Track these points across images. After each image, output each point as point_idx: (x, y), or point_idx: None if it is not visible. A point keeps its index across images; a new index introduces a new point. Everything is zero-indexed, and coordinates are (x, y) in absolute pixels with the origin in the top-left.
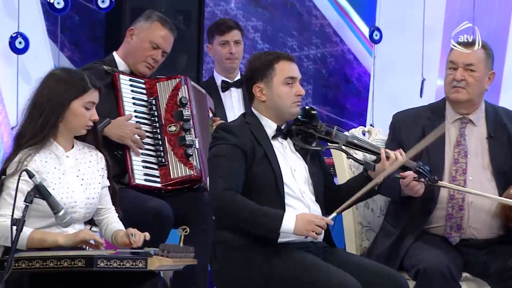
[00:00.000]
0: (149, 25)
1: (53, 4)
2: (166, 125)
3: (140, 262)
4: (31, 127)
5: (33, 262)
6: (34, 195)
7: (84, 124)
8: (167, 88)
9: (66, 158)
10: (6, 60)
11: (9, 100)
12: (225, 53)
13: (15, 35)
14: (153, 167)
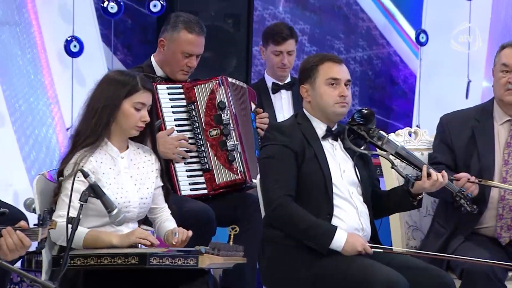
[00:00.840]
0: (177, 35)
1: (106, 8)
2: (207, 129)
3: (191, 260)
4: (86, 127)
5: (88, 259)
6: (89, 194)
7: (134, 125)
8: (205, 91)
9: (120, 159)
10: (61, 63)
11: (64, 102)
12: (277, 62)
13: (70, 38)
14: (197, 174)
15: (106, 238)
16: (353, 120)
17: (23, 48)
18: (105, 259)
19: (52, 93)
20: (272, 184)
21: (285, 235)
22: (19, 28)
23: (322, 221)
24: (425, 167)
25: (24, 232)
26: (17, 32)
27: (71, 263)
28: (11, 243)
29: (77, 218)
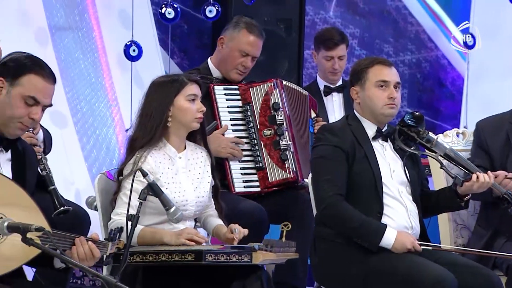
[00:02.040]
0: (237, 34)
1: (164, 14)
2: (261, 129)
3: (245, 257)
4: (142, 133)
5: (146, 255)
6: (148, 192)
7: (194, 117)
8: (260, 92)
9: (178, 159)
10: (121, 67)
11: (124, 104)
12: (328, 67)
13: (129, 43)
14: (251, 172)
15: (158, 236)
16: (403, 121)
17: (85, 52)
18: (162, 256)
19: (112, 95)
20: (323, 184)
21: (336, 233)
22: (81, 33)
23: (372, 219)
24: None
25: (95, 243)
26: (79, 36)
27: (130, 259)
28: (82, 253)
29: (136, 216)
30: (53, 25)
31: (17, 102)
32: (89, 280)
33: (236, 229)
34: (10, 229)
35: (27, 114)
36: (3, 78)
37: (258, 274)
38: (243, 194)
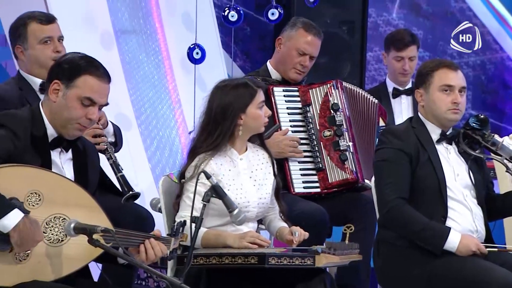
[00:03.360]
0: (294, 33)
1: (227, 17)
2: (321, 130)
3: (308, 260)
4: (207, 140)
5: (210, 258)
6: (211, 194)
7: (263, 123)
8: (320, 94)
9: (239, 161)
10: (184, 69)
11: (187, 106)
12: (398, 68)
13: (193, 46)
14: (311, 173)
15: (221, 238)
16: (468, 124)
17: (149, 54)
18: (226, 259)
19: (175, 98)
20: (386, 187)
21: (399, 236)
22: (145, 35)
23: (435, 222)
24: None
25: (158, 240)
26: (143, 39)
27: (194, 262)
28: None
29: (200, 218)
30: (118, 28)
31: (73, 104)
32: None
33: (296, 232)
34: (76, 230)
35: (84, 115)
36: (58, 80)
37: (321, 277)
38: (303, 195)
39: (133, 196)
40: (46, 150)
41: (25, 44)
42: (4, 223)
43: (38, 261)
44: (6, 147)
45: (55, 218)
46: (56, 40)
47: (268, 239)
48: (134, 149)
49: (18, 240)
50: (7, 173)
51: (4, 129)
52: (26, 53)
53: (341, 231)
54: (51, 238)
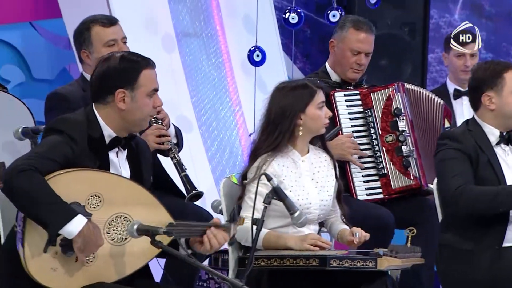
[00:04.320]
0: (345, 34)
1: (288, 19)
2: (383, 135)
3: (370, 262)
4: (267, 140)
5: (271, 260)
6: (272, 197)
7: (323, 124)
8: (382, 97)
9: (301, 162)
10: (245, 72)
11: (247, 108)
12: (460, 65)
13: (253, 48)
14: (373, 179)
15: (282, 240)
16: None
17: (210, 57)
18: (287, 261)
19: (236, 100)
20: (451, 180)
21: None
22: (206, 38)
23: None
24: None
25: (218, 228)
26: (204, 42)
27: (255, 263)
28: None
29: (261, 220)
30: (180, 31)
31: (144, 101)
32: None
33: (357, 232)
34: (139, 232)
35: (152, 106)
36: (121, 88)
37: (383, 280)
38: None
39: (197, 195)
40: (104, 152)
41: (90, 48)
42: (69, 230)
43: (104, 261)
44: (64, 153)
45: (117, 217)
46: (120, 41)
47: (329, 241)
48: (195, 150)
49: (82, 245)
50: (66, 179)
51: (62, 135)
52: (92, 57)
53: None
54: (115, 237)
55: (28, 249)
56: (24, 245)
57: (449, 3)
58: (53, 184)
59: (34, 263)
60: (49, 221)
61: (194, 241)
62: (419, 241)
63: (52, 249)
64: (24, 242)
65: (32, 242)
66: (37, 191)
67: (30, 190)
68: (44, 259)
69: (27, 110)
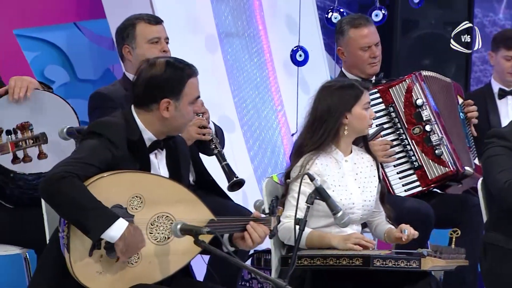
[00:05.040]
0: (348, 37)
1: (330, 19)
2: (409, 128)
3: (413, 263)
4: (311, 138)
5: (314, 259)
6: (315, 197)
7: (368, 124)
8: (401, 91)
9: (345, 163)
10: (287, 71)
11: (289, 108)
12: (507, 67)
13: (296, 48)
14: (409, 173)
15: (326, 240)
16: None
17: (252, 57)
18: (330, 260)
19: (278, 99)
20: (498, 174)
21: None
22: (248, 38)
23: None
24: None
25: (258, 221)
26: (246, 42)
27: (298, 263)
28: (257, 237)
29: (304, 220)
30: (222, 31)
31: (187, 110)
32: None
33: (406, 229)
34: (183, 231)
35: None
36: (166, 97)
37: (426, 280)
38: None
39: (238, 183)
40: (145, 154)
41: (133, 44)
42: (111, 234)
43: (149, 261)
44: (104, 157)
45: (159, 217)
46: (163, 40)
47: (373, 241)
48: (237, 150)
49: (123, 248)
50: (108, 182)
51: (101, 139)
52: (133, 52)
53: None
54: (158, 237)
55: (73, 254)
56: (69, 250)
57: (494, 2)
58: (95, 187)
59: (80, 267)
60: (90, 227)
61: (236, 237)
62: (463, 241)
63: (97, 252)
64: (69, 247)
65: (76, 246)
66: (77, 197)
67: (70, 196)
68: (89, 262)
69: (71, 110)
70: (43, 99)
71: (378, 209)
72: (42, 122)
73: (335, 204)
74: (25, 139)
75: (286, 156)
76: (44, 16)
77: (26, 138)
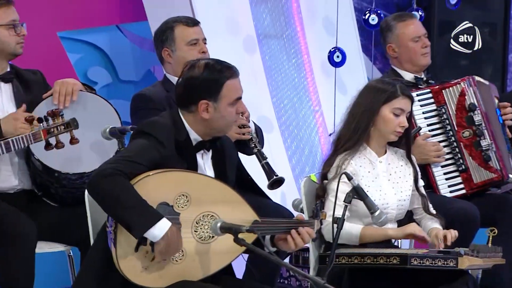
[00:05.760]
0: (398, 31)
1: (367, 20)
2: (459, 131)
3: (451, 261)
4: (346, 132)
5: (352, 258)
6: (353, 196)
7: (393, 130)
8: (454, 93)
9: (379, 163)
10: (324, 72)
11: (327, 109)
12: None
13: (333, 49)
14: (454, 175)
15: (381, 231)
16: None
17: (290, 57)
18: (368, 259)
19: (316, 99)
20: None
21: None
22: (286, 39)
23: None
24: None
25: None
26: (284, 43)
27: (336, 261)
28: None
29: (342, 218)
30: (260, 32)
31: (228, 110)
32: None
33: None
34: (223, 230)
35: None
36: (204, 99)
37: (464, 279)
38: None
39: (278, 181)
40: (192, 154)
41: (172, 47)
42: (154, 233)
43: (193, 259)
44: (152, 157)
45: (204, 216)
46: (201, 41)
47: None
48: (275, 149)
49: (164, 248)
50: (155, 180)
51: (150, 138)
52: (173, 55)
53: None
54: (202, 236)
55: (120, 249)
56: (116, 245)
57: None
58: (142, 185)
59: (126, 262)
60: (134, 225)
61: (278, 238)
62: (500, 240)
63: (143, 248)
64: (116, 242)
65: (123, 242)
66: (122, 195)
67: (115, 194)
68: (135, 258)
69: (114, 111)
70: (87, 100)
71: (418, 205)
72: (86, 122)
73: (372, 203)
74: (56, 125)
75: (324, 155)
76: (87, 19)
77: (57, 124)
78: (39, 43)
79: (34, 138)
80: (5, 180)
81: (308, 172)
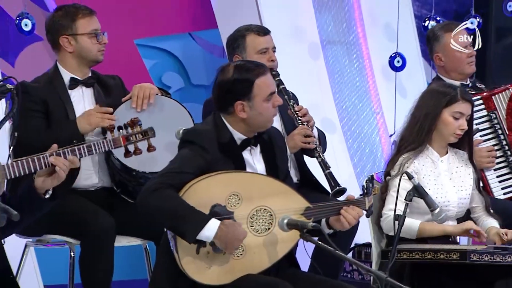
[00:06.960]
0: (445, 40)
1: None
2: (510, 134)
3: (509, 257)
4: (409, 134)
5: (413, 253)
6: (413, 194)
7: (453, 133)
8: (504, 98)
9: (440, 163)
10: (385, 77)
11: (387, 112)
12: None
13: (394, 55)
14: (508, 177)
15: (439, 227)
16: None
17: (352, 62)
18: (428, 254)
19: (376, 102)
20: None
21: None
22: (349, 45)
23: None
24: None
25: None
26: (346, 48)
27: (398, 256)
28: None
29: (403, 216)
30: (324, 38)
31: (263, 107)
32: (358, 275)
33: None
34: (289, 226)
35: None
36: (238, 100)
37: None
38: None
39: (340, 191)
40: (238, 153)
41: (243, 54)
42: (206, 234)
43: (254, 252)
44: (197, 164)
45: (257, 211)
46: (271, 50)
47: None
48: (338, 149)
49: (223, 244)
50: (204, 185)
51: (193, 146)
52: None
53: None
54: (258, 229)
55: (182, 254)
56: (178, 250)
57: None
58: (192, 192)
59: (190, 265)
60: (185, 231)
61: (332, 220)
62: None
63: (203, 249)
64: (177, 248)
65: (184, 246)
66: (169, 206)
67: (162, 207)
68: (198, 260)
69: (187, 113)
70: (163, 104)
71: (477, 204)
72: (161, 124)
73: (432, 201)
74: (135, 133)
75: (385, 155)
76: (161, 27)
77: (136, 132)
78: (117, 50)
79: (114, 144)
80: (87, 178)
81: (370, 170)
